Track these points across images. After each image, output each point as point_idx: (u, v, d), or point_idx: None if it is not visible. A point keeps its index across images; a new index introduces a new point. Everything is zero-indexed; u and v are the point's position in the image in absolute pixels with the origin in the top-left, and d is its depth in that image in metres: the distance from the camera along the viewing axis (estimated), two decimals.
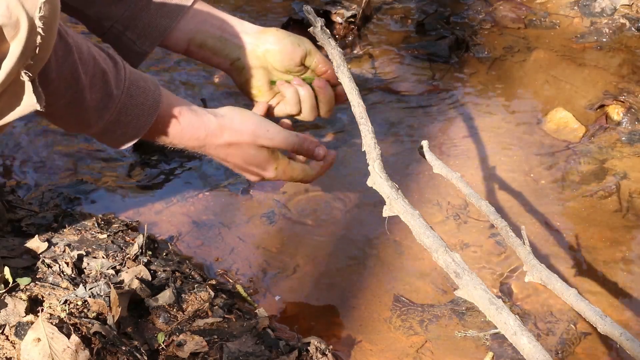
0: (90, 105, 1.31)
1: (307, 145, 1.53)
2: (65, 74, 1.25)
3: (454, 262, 1.20)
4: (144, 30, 1.54)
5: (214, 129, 1.44)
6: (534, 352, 1.10)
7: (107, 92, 1.31)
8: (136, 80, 1.35)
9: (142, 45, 1.55)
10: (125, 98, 1.33)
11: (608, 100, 1.97)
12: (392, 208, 1.34)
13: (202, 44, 1.58)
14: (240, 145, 1.47)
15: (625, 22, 2.22)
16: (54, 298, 1.41)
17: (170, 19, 1.54)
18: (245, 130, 1.47)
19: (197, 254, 1.64)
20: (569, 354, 1.46)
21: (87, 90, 1.29)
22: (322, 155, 1.55)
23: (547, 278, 1.27)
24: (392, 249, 1.65)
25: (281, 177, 1.53)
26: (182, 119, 1.41)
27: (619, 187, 1.77)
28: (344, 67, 1.54)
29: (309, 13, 1.62)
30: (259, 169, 1.51)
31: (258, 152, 1.49)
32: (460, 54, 2.17)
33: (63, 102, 1.29)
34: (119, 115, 1.34)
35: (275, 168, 1.51)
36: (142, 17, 1.53)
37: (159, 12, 1.54)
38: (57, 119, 1.36)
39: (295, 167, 1.53)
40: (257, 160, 1.49)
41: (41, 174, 1.80)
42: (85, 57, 1.28)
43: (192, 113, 1.43)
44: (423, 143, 1.49)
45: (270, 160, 1.50)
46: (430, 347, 1.47)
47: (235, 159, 1.49)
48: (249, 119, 1.48)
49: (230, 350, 1.37)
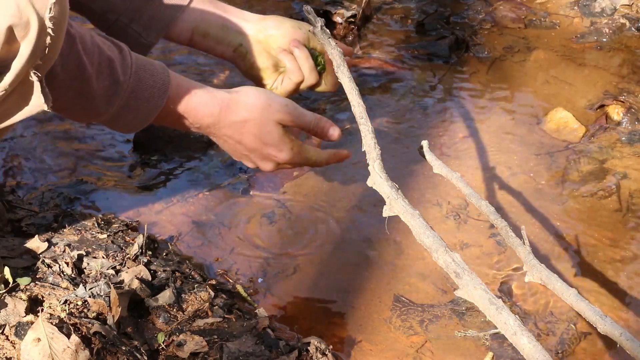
0: (98, 94, 1.31)
1: (322, 124, 1.50)
2: (70, 66, 1.25)
3: (454, 262, 1.20)
4: (149, 22, 1.54)
5: (229, 103, 1.42)
6: (534, 352, 1.10)
7: (115, 79, 1.31)
8: (143, 64, 1.35)
9: (148, 37, 1.56)
10: (134, 83, 1.33)
11: (608, 100, 1.97)
12: (392, 208, 1.34)
13: (205, 33, 1.59)
14: (258, 120, 1.43)
15: (625, 22, 2.22)
16: (54, 298, 1.41)
17: (174, 10, 1.55)
18: (262, 105, 1.43)
19: (197, 254, 1.64)
20: (569, 354, 1.46)
21: (94, 80, 1.29)
22: (336, 135, 1.52)
23: (547, 278, 1.27)
24: (392, 249, 1.65)
25: (296, 159, 1.48)
26: (194, 97, 1.39)
27: (619, 187, 1.77)
28: (344, 67, 1.54)
29: (309, 13, 1.62)
30: (275, 150, 1.46)
31: (275, 128, 1.44)
32: (460, 54, 2.17)
33: (70, 95, 1.29)
34: (128, 100, 1.33)
35: (291, 148, 1.46)
36: (147, 9, 1.53)
37: (162, 3, 1.54)
38: (65, 111, 1.36)
39: (308, 149, 1.50)
40: (273, 138, 1.45)
41: (41, 174, 1.80)
42: (89, 47, 1.28)
43: (204, 90, 1.41)
44: (423, 143, 1.49)
45: (286, 140, 1.46)
46: (430, 347, 1.47)
47: (250, 138, 1.44)
48: (265, 94, 1.45)
49: (230, 350, 1.37)
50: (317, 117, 1.50)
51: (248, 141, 1.45)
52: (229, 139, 1.46)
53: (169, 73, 1.37)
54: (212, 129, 1.43)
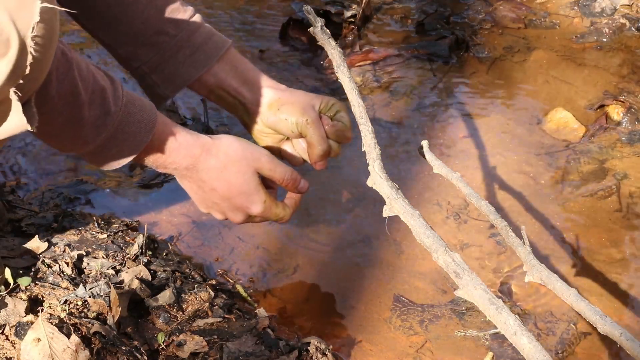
0: (88, 122, 1.30)
1: (295, 176, 1.50)
2: (65, 90, 1.24)
3: (454, 262, 1.20)
4: (168, 77, 1.55)
5: (210, 147, 1.41)
6: (534, 352, 1.10)
7: (106, 109, 1.31)
8: (133, 99, 1.35)
9: (165, 90, 1.57)
10: (123, 115, 1.32)
11: (608, 100, 1.97)
12: (392, 208, 1.34)
13: (219, 98, 1.60)
14: (236, 167, 1.42)
15: (625, 22, 2.22)
16: (54, 298, 1.41)
17: (195, 70, 1.55)
18: (242, 153, 1.43)
19: (197, 254, 1.64)
20: (569, 354, 1.46)
21: (86, 107, 1.28)
22: (305, 189, 1.52)
23: (547, 278, 1.27)
24: (392, 249, 1.65)
25: (266, 213, 1.47)
26: (178, 136, 1.39)
27: (619, 187, 1.77)
28: (344, 67, 1.54)
29: (309, 13, 1.62)
30: (248, 201, 1.45)
31: (252, 177, 1.44)
32: (460, 54, 2.17)
33: (61, 120, 1.28)
34: (115, 132, 1.33)
35: (264, 201, 1.45)
36: (169, 64, 1.54)
37: (186, 61, 1.54)
38: (52, 138, 1.34)
39: (278, 204, 1.49)
40: (249, 187, 1.44)
41: (41, 174, 1.80)
42: (84, 74, 1.27)
43: (188, 132, 1.41)
44: (423, 143, 1.49)
45: (260, 191, 1.45)
46: (430, 347, 1.47)
47: (225, 186, 1.43)
48: (246, 143, 1.45)
49: (230, 350, 1.37)
50: (291, 169, 1.49)
51: (223, 189, 1.44)
52: (203, 185, 1.44)
53: (157, 111, 1.37)
54: (189, 171, 1.42)
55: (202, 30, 1.53)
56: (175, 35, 1.52)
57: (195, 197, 1.48)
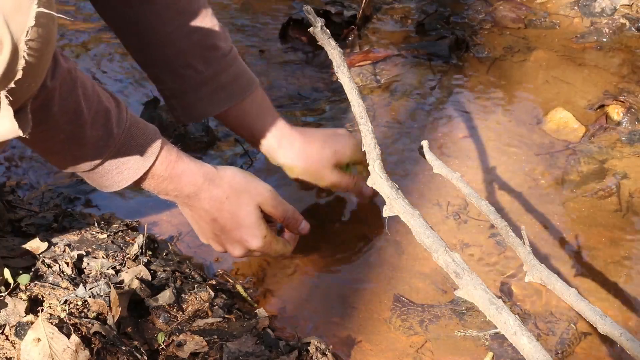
0: (90, 142, 1.29)
1: (297, 216, 1.51)
2: (68, 108, 1.24)
3: (454, 262, 1.20)
4: (186, 107, 1.57)
5: (214, 177, 1.41)
6: (534, 352, 1.10)
7: (108, 131, 1.30)
8: (137, 122, 1.35)
9: (182, 117, 1.59)
10: (125, 137, 1.32)
11: (608, 100, 1.97)
12: (392, 208, 1.34)
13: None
14: (238, 199, 1.42)
15: (625, 22, 2.22)
16: (54, 298, 1.41)
17: (213, 107, 1.56)
18: (245, 185, 1.43)
19: (197, 254, 1.64)
20: (569, 354, 1.46)
21: (89, 127, 1.28)
22: (306, 230, 1.53)
23: (547, 278, 1.27)
24: (392, 249, 1.65)
25: (265, 248, 1.47)
26: (181, 163, 1.38)
27: (619, 187, 1.77)
28: (344, 67, 1.54)
29: (309, 13, 1.62)
30: (248, 234, 1.44)
31: (254, 211, 1.43)
32: (460, 54, 2.17)
33: (62, 137, 1.27)
34: (117, 154, 1.32)
35: (264, 236, 1.45)
36: (189, 96, 1.55)
37: (205, 98, 1.55)
38: (54, 155, 1.34)
39: (279, 240, 1.50)
40: (251, 221, 1.43)
41: (41, 174, 1.80)
42: (89, 94, 1.27)
43: (192, 160, 1.40)
44: (423, 143, 1.49)
45: (261, 225, 1.45)
46: (430, 347, 1.47)
47: (226, 217, 1.43)
48: (250, 176, 1.45)
49: (230, 350, 1.37)
50: (293, 209, 1.50)
51: (224, 220, 1.43)
52: (205, 215, 1.44)
53: (161, 137, 1.37)
54: (191, 200, 1.41)
55: (230, 71, 1.54)
56: (202, 71, 1.52)
57: (196, 227, 1.49)
